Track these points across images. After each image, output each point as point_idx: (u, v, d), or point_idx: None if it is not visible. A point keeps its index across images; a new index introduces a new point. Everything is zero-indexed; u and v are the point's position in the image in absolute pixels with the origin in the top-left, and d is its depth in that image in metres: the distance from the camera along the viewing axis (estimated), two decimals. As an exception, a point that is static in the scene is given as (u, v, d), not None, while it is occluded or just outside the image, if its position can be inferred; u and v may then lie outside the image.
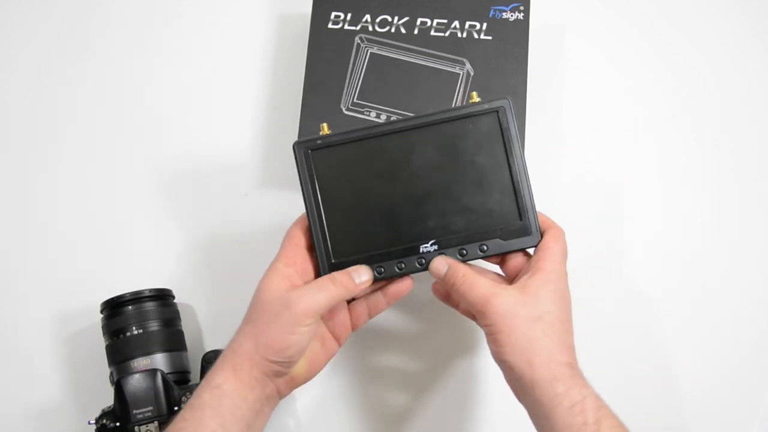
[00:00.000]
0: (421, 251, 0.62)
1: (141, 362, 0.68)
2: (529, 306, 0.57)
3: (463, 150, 0.62)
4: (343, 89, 0.73)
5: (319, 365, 0.63)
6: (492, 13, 0.73)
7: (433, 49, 0.73)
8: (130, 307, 0.70)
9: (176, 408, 0.66)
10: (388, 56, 0.73)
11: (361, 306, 0.65)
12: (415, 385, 0.74)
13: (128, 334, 0.69)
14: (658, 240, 0.76)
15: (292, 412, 0.74)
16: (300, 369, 0.61)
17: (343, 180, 0.63)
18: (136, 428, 0.66)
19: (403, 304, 0.73)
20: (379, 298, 0.64)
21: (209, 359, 0.69)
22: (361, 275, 0.61)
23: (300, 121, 0.73)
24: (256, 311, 0.59)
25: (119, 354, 0.69)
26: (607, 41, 0.81)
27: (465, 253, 0.62)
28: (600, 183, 0.77)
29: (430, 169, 0.62)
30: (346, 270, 0.61)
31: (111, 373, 0.69)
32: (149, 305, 0.70)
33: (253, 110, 0.81)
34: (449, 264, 0.61)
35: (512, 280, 0.62)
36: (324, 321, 0.64)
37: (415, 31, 0.74)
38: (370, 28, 0.74)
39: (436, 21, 0.74)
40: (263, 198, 0.78)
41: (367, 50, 0.74)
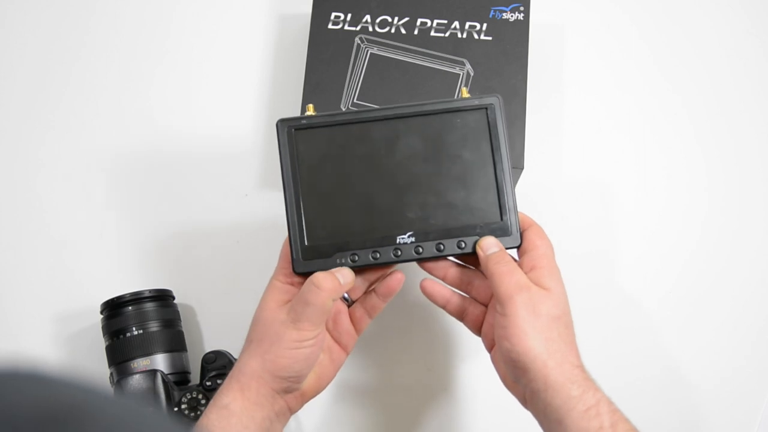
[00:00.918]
0: (398, 242, 0.60)
1: (141, 363, 0.68)
2: (550, 303, 0.56)
3: (449, 144, 0.61)
4: (343, 89, 0.73)
5: (328, 377, 0.62)
6: (492, 13, 0.73)
7: (433, 50, 0.73)
8: (130, 308, 0.70)
9: (176, 409, 0.66)
10: (388, 57, 0.73)
11: (359, 310, 0.63)
12: (415, 385, 0.74)
13: (128, 334, 0.69)
14: (658, 240, 0.76)
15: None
16: (310, 382, 0.60)
17: (325, 162, 0.61)
18: (136, 428, 0.66)
19: (403, 304, 0.73)
20: (374, 298, 0.63)
21: (209, 360, 0.69)
22: (345, 275, 0.59)
23: (300, 122, 0.73)
24: (259, 331, 0.59)
25: (119, 354, 0.69)
26: (607, 41, 0.81)
27: (442, 248, 0.60)
28: (600, 183, 0.77)
29: (414, 159, 0.61)
30: (331, 271, 0.59)
31: (111, 374, 0.69)
32: (149, 306, 0.70)
33: (253, 110, 0.81)
34: (500, 247, 0.59)
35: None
36: (328, 331, 0.63)
37: (415, 32, 0.73)
38: (370, 29, 0.74)
39: (436, 21, 0.73)
40: (263, 198, 0.78)
41: (367, 51, 0.73)
